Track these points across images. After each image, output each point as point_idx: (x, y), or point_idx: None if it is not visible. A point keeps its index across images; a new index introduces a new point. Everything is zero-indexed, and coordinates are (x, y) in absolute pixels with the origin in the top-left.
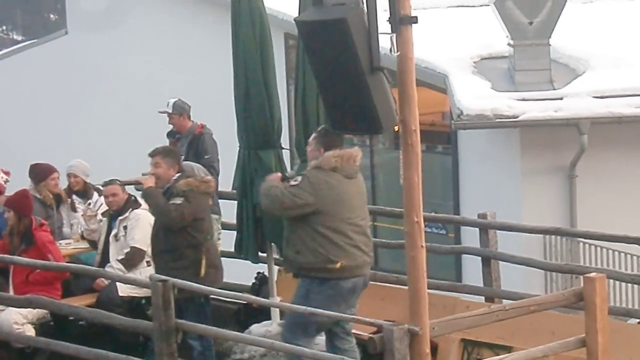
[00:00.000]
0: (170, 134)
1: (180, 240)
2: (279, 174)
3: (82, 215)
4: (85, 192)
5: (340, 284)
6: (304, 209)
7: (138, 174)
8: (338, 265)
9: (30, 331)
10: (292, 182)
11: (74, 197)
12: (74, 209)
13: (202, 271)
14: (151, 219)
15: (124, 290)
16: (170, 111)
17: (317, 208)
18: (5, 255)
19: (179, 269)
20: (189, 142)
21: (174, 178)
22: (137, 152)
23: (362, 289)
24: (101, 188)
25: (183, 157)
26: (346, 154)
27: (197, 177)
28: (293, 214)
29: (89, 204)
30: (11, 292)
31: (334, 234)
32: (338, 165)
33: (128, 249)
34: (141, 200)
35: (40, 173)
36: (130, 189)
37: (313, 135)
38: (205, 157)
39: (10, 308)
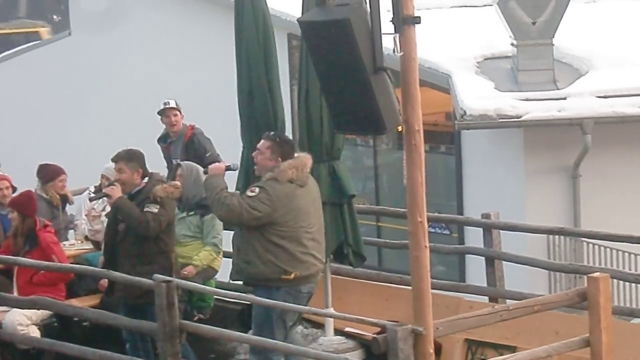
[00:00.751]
0: (161, 139)
1: (151, 246)
2: (223, 165)
3: (85, 215)
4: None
5: (297, 287)
6: (260, 220)
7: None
8: (292, 276)
9: (34, 332)
10: (249, 193)
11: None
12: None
13: (174, 277)
14: None
15: None
16: (175, 106)
17: (274, 219)
18: (9, 256)
19: (147, 273)
20: (183, 146)
21: (144, 182)
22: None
23: (309, 298)
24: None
25: (179, 160)
26: (300, 163)
27: (170, 183)
28: (249, 225)
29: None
30: (15, 293)
31: (289, 244)
32: (294, 177)
33: None
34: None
35: (48, 173)
36: None
37: (266, 142)
38: (207, 155)
39: (15, 309)
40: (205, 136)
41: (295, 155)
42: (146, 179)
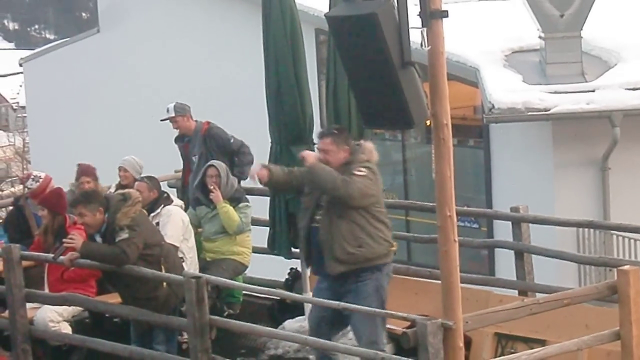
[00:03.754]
0: (177, 139)
1: (140, 266)
2: (314, 152)
3: None
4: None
5: (391, 266)
6: (367, 199)
7: (170, 170)
8: (394, 246)
9: (66, 329)
10: (359, 173)
11: None
12: None
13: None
14: (183, 214)
15: None
16: (174, 114)
17: (378, 198)
18: (40, 254)
19: (155, 289)
20: (202, 141)
21: (106, 216)
22: (168, 149)
23: None
24: None
25: (198, 156)
26: (370, 144)
27: (129, 203)
28: (361, 204)
29: None
30: (46, 290)
31: (386, 220)
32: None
33: None
34: (173, 197)
35: (77, 173)
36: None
37: (325, 139)
38: (230, 141)
39: (46, 306)
40: (221, 128)
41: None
42: (107, 213)
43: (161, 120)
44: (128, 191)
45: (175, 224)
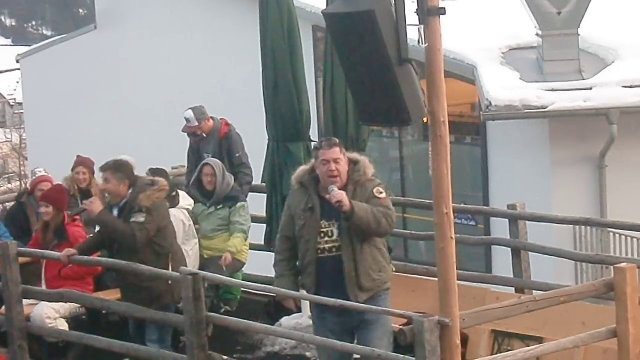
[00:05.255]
0: (191, 133)
1: (147, 254)
2: (342, 191)
3: None
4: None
5: None
6: None
7: (167, 167)
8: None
9: (63, 325)
10: (381, 196)
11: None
12: None
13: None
14: (185, 217)
15: None
16: (197, 124)
17: None
18: (38, 250)
19: (152, 279)
20: (218, 141)
21: (130, 192)
22: (167, 146)
23: None
24: None
25: (210, 156)
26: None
27: (155, 188)
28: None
29: None
30: (44, 287)
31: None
32: None
33: None
34: (183, 196)
35: (76, 163)
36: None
37: (335, 149)
38: (237, 155)
39: (43, 303)
40: (239, 134)
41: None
42: (131, 190)
43: (183, 131)
44: (157, 178)
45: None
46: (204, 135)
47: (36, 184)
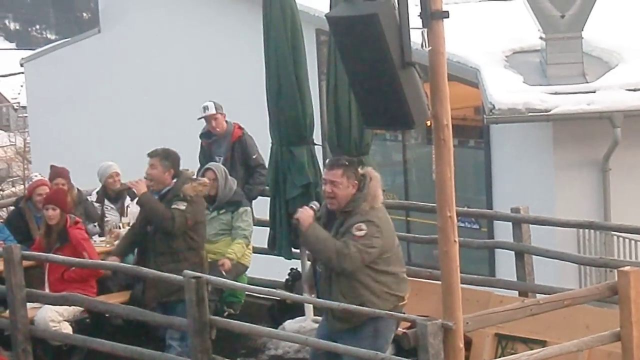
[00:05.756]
0: (204, 135)
1: (180, 244)
2: (311, 212)
3: (107, 229)
4: (120, 192)
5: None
6: (376, 256)
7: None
8: (406, 298)
9: (66, 329)
10: (358, 233)
11: (106, 202)
12: (103, 216)
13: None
14: None
15: None
16: (215, 111)
17: (384, 249)
18: (42, 253)
19: (177, 271)
20: (230, 144)
21: (174, 181)
22: (171, 147)
23: None
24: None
25: (223, 159)
26: (378, 179)
27: (200, 181)
28: (363, 268)
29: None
30: (47, 290)
31: (395, 268)
32: (381, 196)
33: None
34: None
35: (52, 174)
36: None
37: (336, 170)
38: (253, 157)
39: (47, 306)
40: (252, 137)
41: (361, 171)
42: (175, 179)
43: (199, 119)
44: (203, 180)
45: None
46: (217, 129)
47: (33, 188)
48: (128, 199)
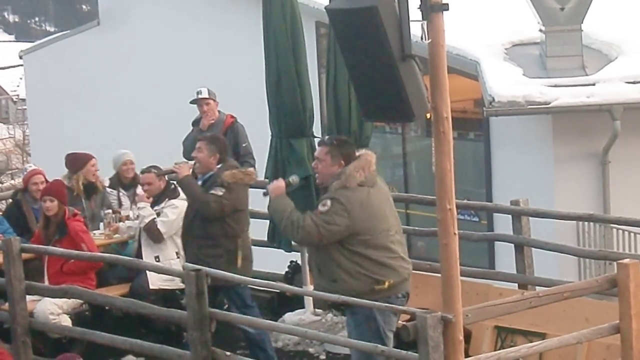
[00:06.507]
0: (196, 123)
1: (217, 229)
2: (282, 182)
3: (106, 222)
4: (133, 181)
5: (391, 297)
6: (340, 234)
7: (170, 163)
8: (386, 285)
9: (66, 321)
10: (322, 208)
11: (120, 190)
12: (120, 203)
13: (239, 262)
14: (184, 207)
15: (154, 282)
16: (207, 96)
17: (355, 229)
18: (41, 246)
19: (213, 256)
20: (222, 133)
21: (218, 167)
22: (170, 141)
23: (407, 301)
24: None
25: None
26: (366, 163)
27: (241, 169)
28: (329, 242)
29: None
30: (46, 283)
31: (376, 252)
32: (363, 179)
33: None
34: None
35: (77, 162)
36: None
37: (323, 148)
38: (243, 145)
39: (46, 298)
40: (242, 125)
41: (357, 153)
42: (220, 165)
43: (191, 102)
44: (248, 170)
45: (176, 214)
46: (208, 115)
47: (28, 178)
48: (139, 187)
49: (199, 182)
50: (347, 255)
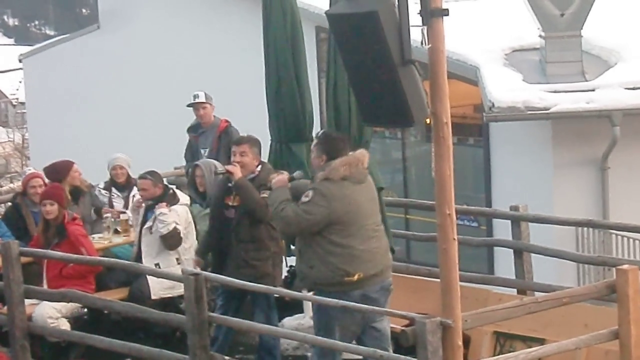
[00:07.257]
0: (191, 129)
1: (263, 232)
2: (285, 177)
3: (105, 226)
4: (127, 184)
5: (364, 290)
6: (319, 224)
7: (170, 167)
8: (355, 277)
9: (64, 325)
10: (304, 199)
11: (113, 190)
12: (111, 204)
13: (284, 263)
14: (188, 214)
15: (156, 292)
16: (204, 100)
17: (333, 219)
18: (40, 250)
19: (260, 259)
20: (216, 137)
21: (258, 169)
22: (169, 146)
23: (388, 295)
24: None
25: (209, 150)
26: (354, 160)
27: (277, 171)
28: (309, 231)
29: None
30: (45, 286)
31: (352, 242)
32: (347, 174)
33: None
34: (180, 194)
35: (60, 171)
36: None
37: (314, 141)
38: None
39: (45, 302)
40: (236, 129)
41: (351, 153)
42: (259, 167)
43: (188, 105)
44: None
45: (177, 217)
46: (204, 119)
47: (27, 181)
48: (135, 189)
49: None
50: (322, 243)
